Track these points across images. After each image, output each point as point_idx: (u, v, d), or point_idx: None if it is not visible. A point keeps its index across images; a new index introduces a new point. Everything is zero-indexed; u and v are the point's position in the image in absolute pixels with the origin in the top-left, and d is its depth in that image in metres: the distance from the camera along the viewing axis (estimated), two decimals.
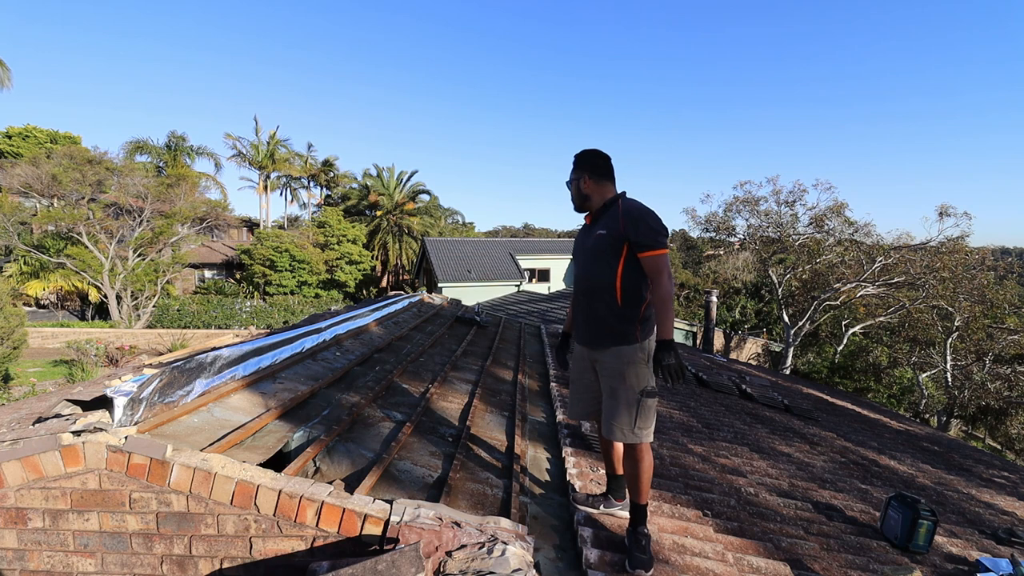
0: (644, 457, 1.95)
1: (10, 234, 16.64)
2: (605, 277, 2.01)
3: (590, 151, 2.17)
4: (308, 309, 21.33)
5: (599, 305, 2.04)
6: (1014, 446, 13.96)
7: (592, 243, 2.06)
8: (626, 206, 2.01)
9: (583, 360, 2.20)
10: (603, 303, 2.03)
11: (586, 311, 2.11)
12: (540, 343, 6.27)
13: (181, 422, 2.02)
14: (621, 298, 1.99)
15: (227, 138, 30.19)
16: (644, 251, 1.93)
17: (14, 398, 9.01)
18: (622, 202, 2.04)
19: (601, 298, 2.03)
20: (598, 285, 2.04)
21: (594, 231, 2.07)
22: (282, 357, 3.00)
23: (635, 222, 1.94)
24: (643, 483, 1.95)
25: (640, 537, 1.87)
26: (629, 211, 1.98)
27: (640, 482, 1.95)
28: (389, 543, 1.62)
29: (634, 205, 2.01)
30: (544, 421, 3.37)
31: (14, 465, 1.67)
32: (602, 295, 2.02)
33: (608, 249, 1.99)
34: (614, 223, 1.99)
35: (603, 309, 2.03)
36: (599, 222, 2.07)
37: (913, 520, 2.43)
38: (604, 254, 2.01)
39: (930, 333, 14.99)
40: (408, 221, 29.59)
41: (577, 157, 2.17)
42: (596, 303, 2.05)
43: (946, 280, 13.80)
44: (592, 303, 2.07)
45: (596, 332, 2.07)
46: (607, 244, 1.99)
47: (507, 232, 58.55)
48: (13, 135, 25.98)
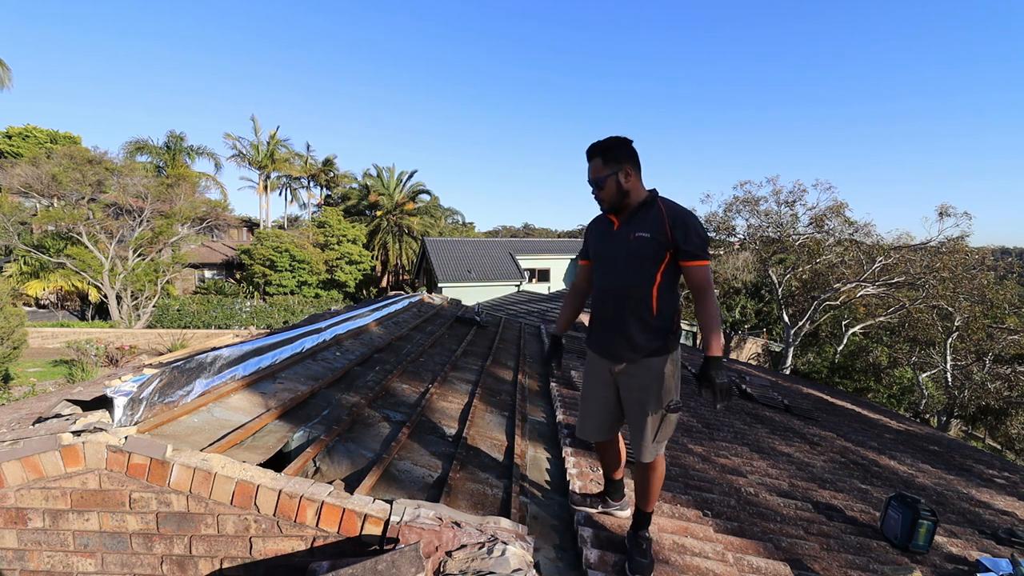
0: (658, 467, 1.90)
1: (10, 234, 16.64)
2: (643, 285, 1.82)
3: (626, 139, 1.86)
4: (308, 309, 21.33)
5: (631, 315, 1.85)
6: (1014, 446, 13.96)
7: (631, 247, 1.83)
8: (671, 208, 1.82)
9: (601, 373, 1.98)
10: (635, 313, 1.84)
11: (613, 321, 1.90)
12: (540, 343, 6.27)
13: (181, 422, 2.02)
14: (656, 308, 1.82)
15: (227, 138, 30.18)
16: (691, 261, 1.77)
17: (14, 398, 9.01)
18: (663, 203, 1.84)
19: (634, 308, 1.84)
20: (633, 293, 1.84)
21: (629, 232, 1.84)
22: (282, 357, 3.00)
23: (685, 228, 1.77)
24: (653, 493, 1.92)
25: (641, 541, 1.86)
26: (677, 215, 1.80)
27: (651, 492, 1.92)
28: (389, 543, 1.62)
29: (680, 208, 1.83)
30: (544, 421, 3.37)
31: (14, 465, 1.67)
32: (636, 305, 1.84)
33: (651, 255, 1.80)
34: (658, 226, 1.79)
35: (635, 320, 1.84)
36: (634, 223, 1.84)
37: (913, 520, 2.43)
38: (645, 260, 1.81)
39: (930, 333, 14.99)
40: (408, 221, 29.59)
41: (613, 146, 1.85)
42: (627, 313, 1.85)
43: (946, 280, 13.80)
44: (622, 313, 1.87)
45: (624, 344, 1.88)
46: (650, 249, 1.79)
47: (507, 232, 58.57)
48: (13, 135, 25.97)
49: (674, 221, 1.78)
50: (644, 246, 1.80)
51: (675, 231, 1.77)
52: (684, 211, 1.82)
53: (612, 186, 1.85)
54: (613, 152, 1.84)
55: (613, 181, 1.85)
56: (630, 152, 1.86)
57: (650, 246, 1.80)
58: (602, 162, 1.85)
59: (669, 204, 1.84)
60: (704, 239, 1.79)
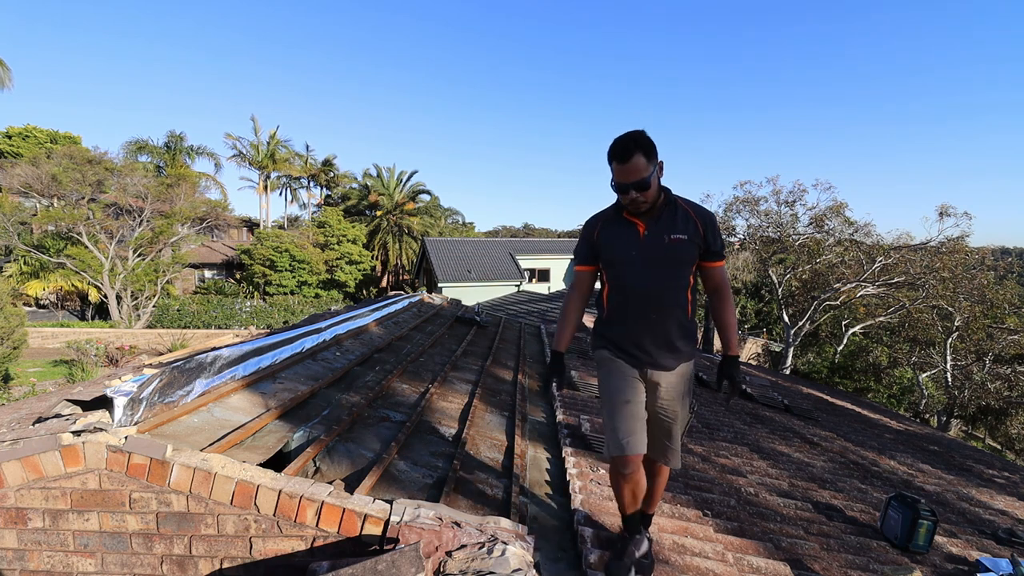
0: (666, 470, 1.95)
1: (10, 234, 16.64)
2: (682, 289, 1.77)
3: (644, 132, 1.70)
4: (308, 309, 21.33)
5: (671, 320, 1.78)
6: (1014, 446, 13.96)
7: (670, 251, 1.74)
8: (696, 208, 1.78)
9: (634, 380, 1.84)
10: (675, 318, 1.78)
11: (651, 327, 1.79)
12: (540, 343, 6.27)
13: (181, 422, 2.02)
14: (690, 311, 1.81)
15: (227, 138, 30.19)
16: (716, 261, 1.77)
17: (14, 398, 9.01)
18: (684, 202, 1.79)
19: (673, 313, 1.78)
20: (672, 299, 1.77)
21: (662, 235, 1.74)
22: (282, 357, 3.00)
23: (714, 229, 1.75)
24: (660, 495, 1.98)
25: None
26: (705, 215, 1.76)
27: (658, 494, 1.96)
28: (389, 543, 1.62)
29: (701, 207, 1.80)
30: (544, 421, 3.37)
31: (14, 465, 1.67)
32: (674, 310, 1.77)
33: (687, 258, 1.75)
34: (690, 226, 1.73)
35: (675, 325, 1.78)
36: (663, 224, 1.75)
37: (913, 520, 2.43)
38: (683, 264, 1.75)
39: (930, 333, 14.99)
40: (408, 221, 29.59)
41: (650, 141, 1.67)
42: (667, 318, 1.78)
43: (946, 280, 13.80)
44: (663, 318, 1.78)
45: (665, 350, 1.80)
46: (688, 253, 1.74)
47: (507, 232, 58.56)
48: (13, 135, 25.96)
49: (705, 222, 1.75)
50: (683, 250, 1.73)
51: (707, 231, 1.74)
52: (707, 210, 1.81)
53: (656, 186, 1.72)
54: (652, 147, 1.67)
55: (657, 180, 1.71)
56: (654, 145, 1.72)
57: (688, 250, 1.74)
58: (645, 159, 1.65)
59: (691, 203, 1.80)
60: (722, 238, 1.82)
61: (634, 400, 1.81)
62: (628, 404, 1.80)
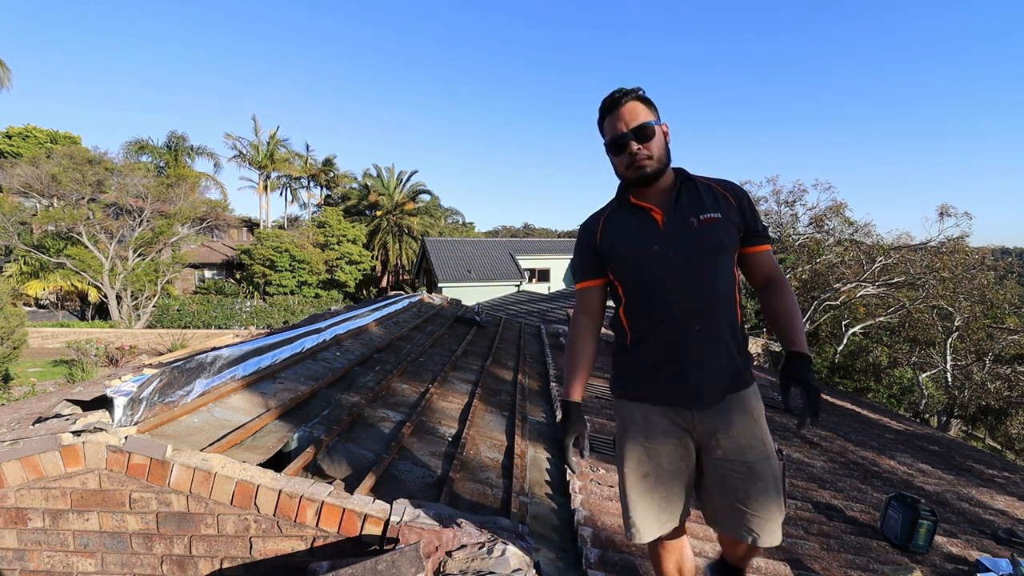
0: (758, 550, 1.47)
1: (10, 234, 16.64)
2: (728, 285, 1.34)
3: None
4: (308, 309, 21.33)
5: (722, 332, 1.33)
6: (1014, 446, 13.96)
7: (704, 234, 1.32)
8: (719, 181, 1.43)
9: (670, 433, 1.38)
10: (727, 327, 1.34)
11: (697, 346, 1.32)
12: (540, 343, 6.27)
13: (181, 422, 2.02)
14: (740, 315, 1.38)
15: (227, 138, 30.21)
16: (763, 243, 1.40)
17: (14, 398, 9.01)
18: (700, 178, 1.43)
19: (724, 320, 1.33)
20: (719, 299, 1.32)
21: (689, 216, 1.33)
22: (282, 357, 3.00)
23: (751, 203, 1.39)
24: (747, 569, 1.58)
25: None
26: (731, 187, 1.41)
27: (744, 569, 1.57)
28: (389, 543, 1.62)
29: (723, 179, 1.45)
30: (544, 421, 3.37)
31: (14, 465, 1.67)
32: (724, 314, 1.33)
33: (728, 243, 1.35)
34: (720, 203, 1.36)
35: (728, 336, 1.34)
36: (683, 204, 1.35)
37: (913, 520, 2.43)
38: (725, 250, 1.34)
39: (930, 333, 14.99)
40: (408, 221, 29.59)
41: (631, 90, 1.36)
42: (717, 329, 1.32)
43: (946, 280, 13.80)
44: (712, 330, 1.32)
45: (713, 376, 1.33)
46: (727, 234, 1.34)
47: (507, 232, 58.56)
48: (13, 135, 25.96)
49: (737, 195, 1.38)
50: (720, 231, 1.33)
51: (744, 206, 1.37)
52: (735, 183, 1.44)
53: (660, 138, 1.35)
54: (649, 100, 1.37)
55: (661, 132, 1.36)
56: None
57: (727, 230, 1.34)
58: (644, 105, 1.35)
59: (712, 179, 1.43)
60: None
61: (657, 473, 1.37)
62: (646, 478, 1.38)
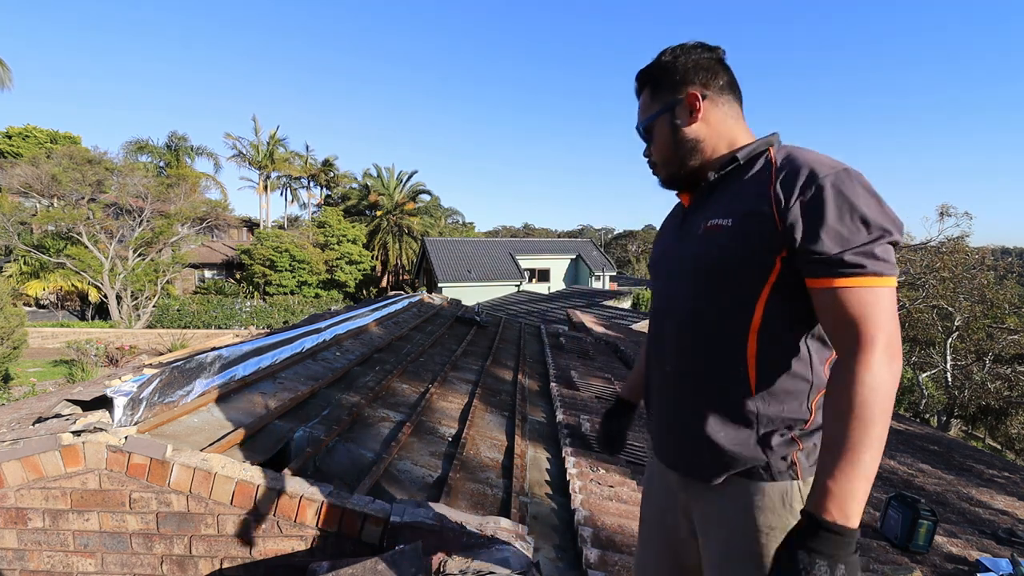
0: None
1: (10, 234, 16.65)
2: (722, 324, 0.94)
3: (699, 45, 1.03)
4: (308, 309, 21.33)
5: (698, 386, 0.98)
6: (1014, 446, 13.97)
7: (699, 248, 0.98)
8: (793, 163, 0.88)
9: (662, 487, 1.15)
10: (708, 382, 0.96)
11: (666, 394, 1.06)
12: (540, 343, 6.27)
13: (181, 422, 2.02)
14: (757, 373, 0.92)
15: (227, 138, 30.24)
16: (825, 275, 0.82)
17: (14, 398, 9.01)
18: (784, 155, 0.91)
19: (705, 370, 0.97)
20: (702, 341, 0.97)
21: (700, 220, 1.00)
22: (282, 357, 3.00)
23: (817, 205, 0.82)
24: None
25: None
26: (797, 173, 0.85)
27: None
28: (389, 543, 1.62)
29: (805, 162, 0.86)
30: (544, 421, 3.37)
31: (14, 465, 1.67)
32: (709, 364, 0.96)
33: (731, 265, 0.92)
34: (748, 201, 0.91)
35: (706, 395, 0.97)
36: (712, 199, 1.00)
37: (913, 520, 2.43)
38: (723, 275, 0.93)
39: (930, 333, 14.99)
40: (408, 221, 29.61)
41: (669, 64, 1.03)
42: (692, 381, 0.99)
43: (946, 280, 13.81)
44: (683, 380, 1.01)
45: (687, 444, 1.01)
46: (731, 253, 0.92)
47: (507, 232, 58.60)
48: (13, 135, 25.97)
49: (794, 189, 0.84)
50: (719, 248, 0.93)
51: (794, 211, 0.84)
52: (819, 169, 0.84)
53: (664, 134, 1.04)
54: (670, 73, 1.02)
55: (665, 124, 1.03)
56: (706, 65, 1.01)
57: (738, 243, 0.91)
58: (651, 95, 1.06)
59: (794, 158, 0.88)
60: (871, 226, 0.81)
61: (650, 520, 1.19)
62: (643, 524, 1.22)
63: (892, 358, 0.78)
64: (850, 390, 0.77)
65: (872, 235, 0.80)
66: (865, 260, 0.80)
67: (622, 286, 24.98)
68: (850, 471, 0.74)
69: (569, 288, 24.23)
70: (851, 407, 0.76)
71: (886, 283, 0.80)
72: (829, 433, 0.79)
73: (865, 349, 0.78)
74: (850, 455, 0.75)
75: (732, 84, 1.03)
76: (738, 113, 1.03)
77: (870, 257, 0.80)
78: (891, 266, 0.80)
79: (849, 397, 0.77)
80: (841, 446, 0.76)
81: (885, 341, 0.78)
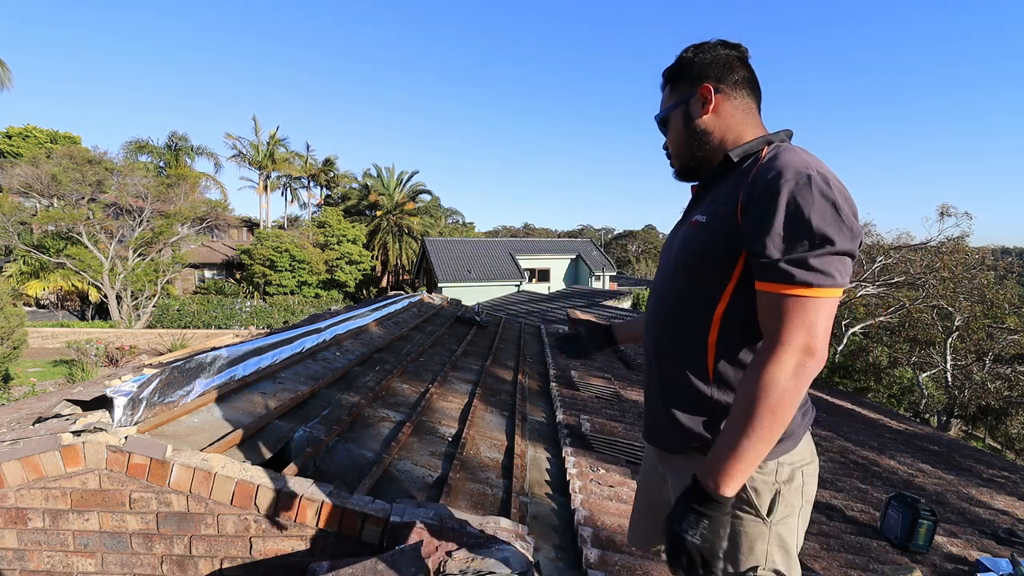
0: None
1: (10, 234, 16.65)
2: (689, 312, 1.03)
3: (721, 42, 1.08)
4: (308, 309, 21.33)
5: (666, 367, 1.09)
6: (1014, 446, 13.97)
7: (681, 240, 1.07)
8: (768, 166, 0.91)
9: (650, 459, 1.28)
10: (674, 364, 1.06)
11: (647, 375, 1.18)
12: (540, 343, 6.27)
13: (181, 422, 2.02)
14: (715, 360, 1.00)
15: (227, 138, 30.24)
16: (762, 278, 0.89)
17: (14, 398, 9.01)
18: (770, 156, 0.94)
19: (673, 353, 1.07)
20: (672, 327, 1.07)
21: (693, 212, 1.09)
22: (282, 357, 3.00)
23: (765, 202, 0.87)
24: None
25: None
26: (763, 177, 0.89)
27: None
28: (389, 543, 1.62)
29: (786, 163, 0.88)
30: (544, 421, 3.37)
31: (14, 465, 1.67)
32: (677, 348, 1.06)
33: (700, 258, 0.99)
34: (724, 201, 0.96)
35: (671, 376, 1.07)
36: (707, 197, 1.07)
37: (913, 520, 2.43)
38: (694, 266, 1.01)
39: (930, 333, 14.99)
40: (408, 221, 29.61)
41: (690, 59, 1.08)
42: (666, 366, 1.09)
43: (946, 280, 13.81)
44: (660, 365, 1.11)
45: (656, 417, 1.13)
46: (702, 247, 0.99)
47: (507, 232, 58.60)
48: (13, 135, 25.97)
49: (752, 190, 0.89)
50: (696, 239, 1.00)
51: (748, 210, 0.89)
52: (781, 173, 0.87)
53: (678, 125, 1.09)
54: (688, 68, 1.07)
55: (679, 116, 1.08)
56: (723, 61, 1.05)
57: (704, 242, 0.98)
58: (671, 89, 1.12)
59: (776, 157, 0.91)
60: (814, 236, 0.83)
61: (644, 486, 1.32)
62: (637, 490, 1.37)
63: (800, 365, 0.84)
64: (748, 383, 0.87)
65: (812, 245, 0.84)
66: (796, 270, 0.84)
67: (622, 286, 25.00)
68: (730, 452, 0.87)
69: (569, 288, 24.23)
70: (743, 398, 0.87)
71: (816, 294, 0.84)
72: (729, 416, 0.91)
73: (775, 350, 0.85)
74: (733, 440, 0.87)
75: (750, 81, 1.07)
76: (751, 109, 1.07)
77: (802, 267, 0.84)
78: (825, 277, 0.84)
79: (745, 388, 0.87)
80: (729, 429, 0.89)
81: (797, 348, 0.84)
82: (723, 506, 0.88)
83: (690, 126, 1.08)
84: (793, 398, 0.84)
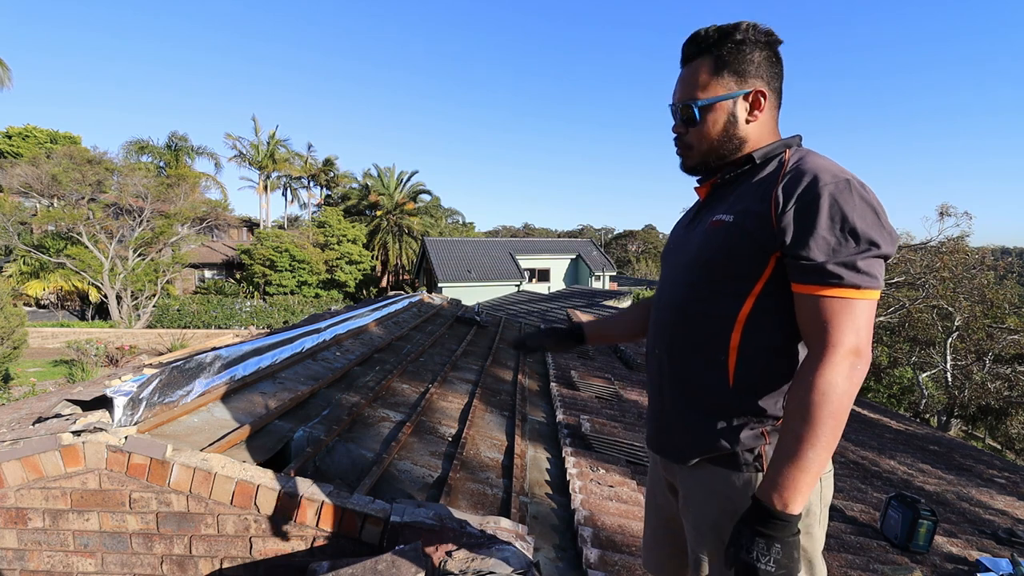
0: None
1: (10, 234, 16.66)
2: (711, 316, 0.98)
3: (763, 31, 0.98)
4: (308, 309, 21.33)
5: (681, 372, 1.04)
6: (1014, 446, 13.97)
7: (699, 243, 1.02)
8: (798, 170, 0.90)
9: (656, 472, 1.22)
10: (691, 368, 1.02)
11: (655, 381, 1.12)
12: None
13: (181, 422, 2.02)
14: (736, 365, 0.96)
15: (227, 138, 30.24)
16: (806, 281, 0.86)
17: (14, 398, 9.01)
18: (798, 159, 0.93)
19: (689, 358, 1.02)
20: (688, 334, 1.02)
21: (708, 213, 1.04)
22: (282, 357, 3.00)
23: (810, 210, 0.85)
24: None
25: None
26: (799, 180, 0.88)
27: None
28: (389, 543, 1.62)
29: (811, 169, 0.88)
30: (544, 421, 3.37)
31: (14, 465, 1.67)
32: (694, 352, 1.01)
33: (723, 260, 0.96)
34: (752, 201, 0.93)
35: (687, 381, 1.03)
36: (723, 195, 1.03)
37: (913, 520, 2.43)
38: (719, 267, 0.97)
39: (930, 333, 14.99)
40: (408, 221, 29.61)
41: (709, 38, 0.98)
42: (676, 367, 1.05)
43: (946, 280, 13.81)
44: (673, 369, 1.05)
45: (666, 426, 1.09)
46: (725, 249, 0.95)
47: (507, 232, 58.58)
48: (13, 135, 25.97)
49: (793, 194, 0.87)
50: (717, 241, 0.96)
51: (787, 217, 0.87)
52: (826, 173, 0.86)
53: (717, 122, 0.99)
54: (743, 56, 0.96)
55: (723, 112, 0.99)
56: (776, 61, 0.99)
57: (729, 244, 0.94)
58: (710, 70, 0.98)
59: (803, 166, 0.90)
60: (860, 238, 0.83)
61: (652, 503, 1.26)
62: (647, 507, 1.29)
63: (852, 367, 0.83)
64: (804, 391, 0.83)
65: (859, 248, 0.84)
66: (845, 272, 0.84)
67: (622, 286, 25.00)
68: (793, 465, 0.82)
69: (569, 288, 24.22)
70: (802, 407, 0.83)
71: (863, 295, 0.84)
72: (784, 428, 0.86)
73: (827, 354, 0.83)
74: (796, 451, 0.82)
75: (779, 81, 1.03)
76: (773, 112, 1.03)
77: (851, 269, 0.84)
78: (871, 279, 0.84)
79: (802, 397, 0.83)
80: (789, 442, 0.84)
81: (848, 350, 0.83)
82: (791, 525, 0.83)
83: (734, 128, 0.99)
84: (850, 401, 0.83)
